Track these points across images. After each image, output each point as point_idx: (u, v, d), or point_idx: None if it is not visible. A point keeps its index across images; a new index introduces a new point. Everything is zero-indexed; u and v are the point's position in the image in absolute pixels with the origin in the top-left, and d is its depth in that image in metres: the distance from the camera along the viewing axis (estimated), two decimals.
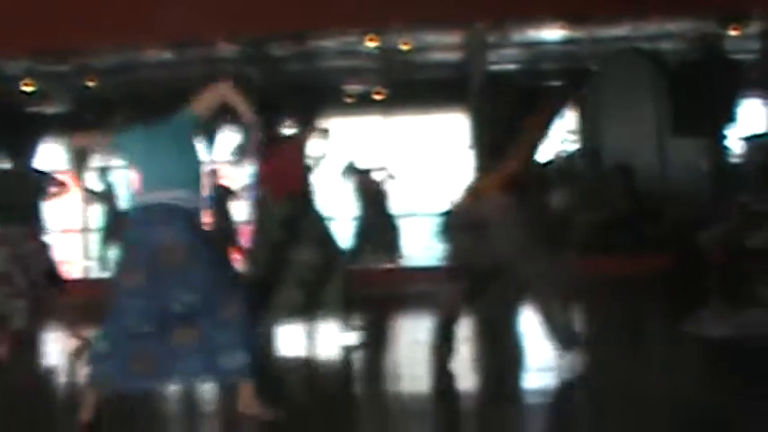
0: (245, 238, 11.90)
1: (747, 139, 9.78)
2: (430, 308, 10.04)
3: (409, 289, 12.17)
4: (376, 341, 9.20)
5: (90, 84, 15.32)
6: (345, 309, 8.57)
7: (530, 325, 9.67)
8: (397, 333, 10.16)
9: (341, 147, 10.01)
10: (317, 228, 8.58)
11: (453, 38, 13.70)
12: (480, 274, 6.79)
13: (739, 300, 8.48)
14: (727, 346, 7.66)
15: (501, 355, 8.29)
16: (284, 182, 8.54)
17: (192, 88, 5.87)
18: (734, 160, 10.88)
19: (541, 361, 7.65)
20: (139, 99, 16.10)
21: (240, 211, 14.71)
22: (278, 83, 15.20)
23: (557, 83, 16.44)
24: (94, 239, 16.15)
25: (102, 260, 15.40)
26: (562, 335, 6.70)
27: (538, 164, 6.92)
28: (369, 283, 11.49)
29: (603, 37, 13.87)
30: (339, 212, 14.22)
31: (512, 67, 15.43)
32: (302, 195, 8.61)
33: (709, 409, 6.16)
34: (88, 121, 15.43)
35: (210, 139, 15.94)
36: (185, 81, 13.76)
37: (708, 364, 7.62)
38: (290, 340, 8.87)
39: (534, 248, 6.57)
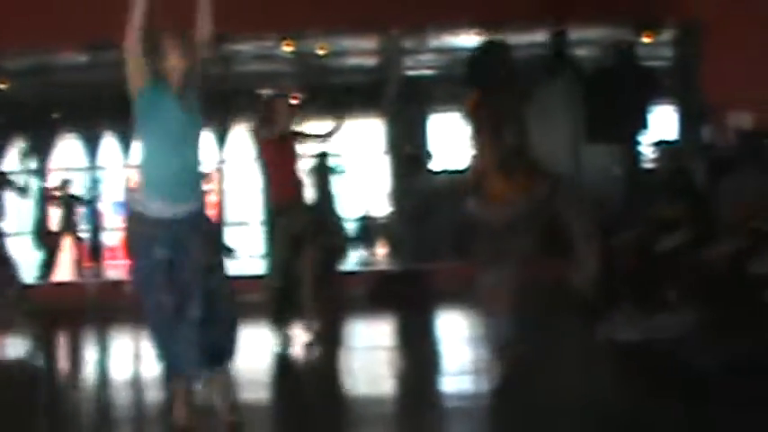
0: None
1: (659, 145, 9.87)
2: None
3: None
4: None
5: (1, 86, 15.04)
6: None
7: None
8: None
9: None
10: None
11: (369, 43, 13.71)
12: None
13: (649, 304, 8.57)
14: (637, 349, 7.73)
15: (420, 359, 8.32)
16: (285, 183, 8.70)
17: (106, 91, 5.70)
18: (646, 166, 10.99)
19: (461, 365, 7.71)
20: (53, 102, 15.90)
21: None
22: None
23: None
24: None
25: None
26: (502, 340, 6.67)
27: None
28: None
29: (520, 43, 13.95)
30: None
31: (428, 72, 15.49)
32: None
33: (620, 411, 6.22)
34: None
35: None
36: (100, 84, 13.61)
37: (619, 367, 7.70)
38: None
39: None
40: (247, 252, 14.62)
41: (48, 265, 14.72)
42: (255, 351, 8.25)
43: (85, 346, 10.06)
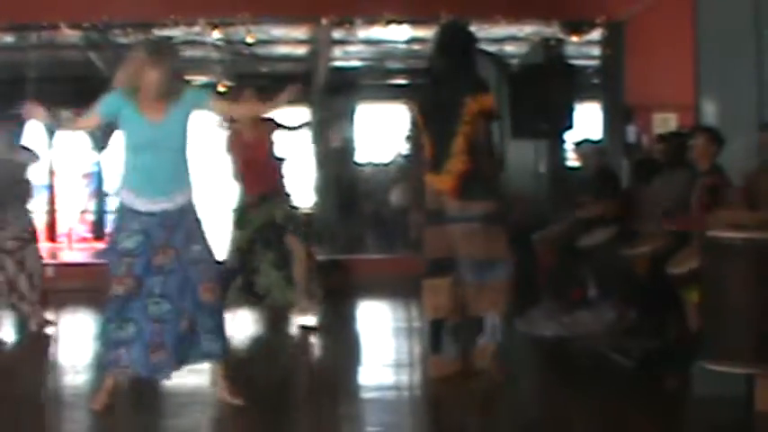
0: None
1: (583, 143, 9.98)
2: None
3: None
4: None
5: None
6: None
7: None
8: None
9: None
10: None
11: (299, 32, 13.67)
12: None
13: (569, 300, 8.69)
14: (557, 344, 7.83)
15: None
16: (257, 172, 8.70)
17: (32, 73, 5.76)
18: (570, 164, 11.10)
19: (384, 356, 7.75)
20: None
21: None
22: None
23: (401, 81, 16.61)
24: None
25: None
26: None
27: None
28: None
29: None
30: None
31: (357, 63, 15.50)
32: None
33: (537, 405, 6.30)
34: None
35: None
36: (26, 66, 13.43)
37: (539, 362, 7.79)
38: None
39: None
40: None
41: None
42: None
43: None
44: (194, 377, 6.20)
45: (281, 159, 8.87)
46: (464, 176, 6.42)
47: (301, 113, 14.13)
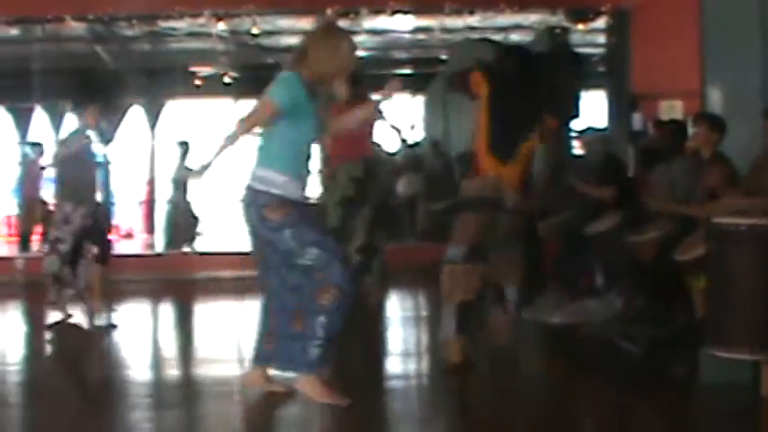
0: None
1: (588, 131, 9.97)
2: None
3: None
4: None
5: None
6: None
7: None
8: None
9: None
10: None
11: (304, 23, 13.67)
12: None
13: (575, 288, 8.69)
14: (564, 332, 7.84)
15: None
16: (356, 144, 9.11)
17: (37, 66, 5.73)
18: (575, 152, 11.08)
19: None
20: None
21: None
22: (127, 63, 14.98)
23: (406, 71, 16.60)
24: None
25: None
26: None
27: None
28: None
29: (454, 27, 14.01)
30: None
31: (362, 54, 15.48)
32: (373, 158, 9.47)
33: (546, 393, 6.32)
34: None
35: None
36: (32, 59, 13.47)
37: (546, 349, 7.81)
38: None
39: None
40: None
41: None
42: None
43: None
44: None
45: None
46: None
47: None
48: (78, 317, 8.81)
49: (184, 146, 14.36)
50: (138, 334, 8.82)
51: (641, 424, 5.42)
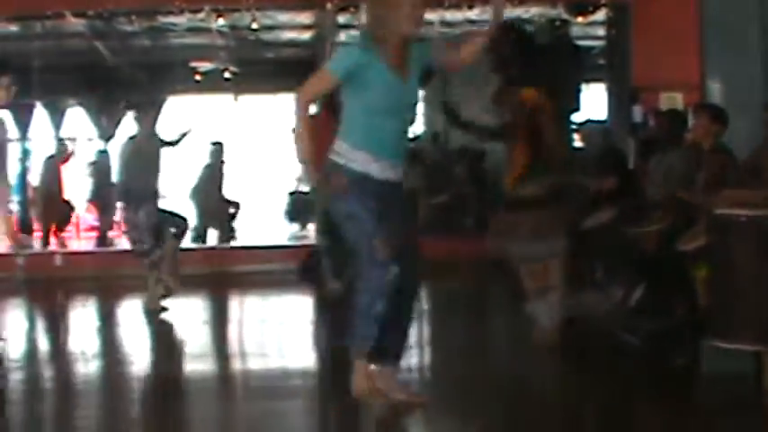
0: None
1: (588, 124, 9.98)
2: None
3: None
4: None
5: None
6: None
7: None
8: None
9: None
10: None
11: (304, 17, 13.69)
12: None
13: (576, 282, 8.67)
14: (565, 325, 7.82)
15: None
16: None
17: (37, 62, 5.69)
18: (575, 145, 11.09)
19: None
20: None
21: None
22: (127, 58, 14.97)
23: None
24: None
25: None
26: None
27: None
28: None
29: (453, 20, 14.00)
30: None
31: None
32: None
33: (547, 386, 6.33)
34: None
35: None
36: (31, 55, 13.45)
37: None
38: None
39: None
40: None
41: None
42: None
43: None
44: None
45: None
46: None
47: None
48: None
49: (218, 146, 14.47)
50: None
51: (642, 415, 5.43)
